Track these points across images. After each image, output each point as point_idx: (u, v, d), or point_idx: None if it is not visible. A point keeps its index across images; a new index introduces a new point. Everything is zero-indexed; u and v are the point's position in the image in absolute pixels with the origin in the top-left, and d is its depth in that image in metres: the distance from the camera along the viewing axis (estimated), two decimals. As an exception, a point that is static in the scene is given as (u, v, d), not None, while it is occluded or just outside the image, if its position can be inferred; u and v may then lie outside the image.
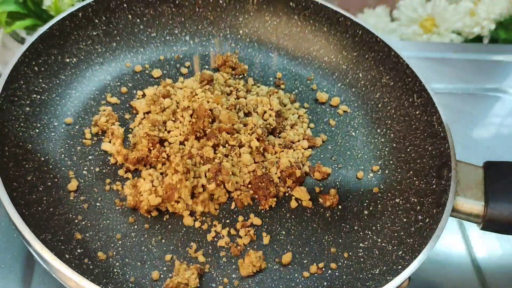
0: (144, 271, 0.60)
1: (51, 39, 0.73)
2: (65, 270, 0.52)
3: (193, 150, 0.69)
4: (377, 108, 0.82)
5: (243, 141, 0.71)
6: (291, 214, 0.69)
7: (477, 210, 0.64)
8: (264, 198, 0.68)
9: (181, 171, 0.64)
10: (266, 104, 0.78)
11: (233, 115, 0.72)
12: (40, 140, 0.69)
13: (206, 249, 0.63)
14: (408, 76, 0.78)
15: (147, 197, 0.63)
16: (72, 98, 0.75)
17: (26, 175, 0.64)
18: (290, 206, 0.69)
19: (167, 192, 0.64)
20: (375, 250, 0.66)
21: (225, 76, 0.83)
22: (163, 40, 0.86)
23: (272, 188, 0.68)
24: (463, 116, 1.02)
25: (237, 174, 0.69)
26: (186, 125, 0.72)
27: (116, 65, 0.82)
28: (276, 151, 0.73)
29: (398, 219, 0.69)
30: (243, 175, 0.69)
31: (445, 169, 0.67)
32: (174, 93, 0.77)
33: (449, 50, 1.16)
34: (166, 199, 0.64)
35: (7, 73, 0.66)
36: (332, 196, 0.70)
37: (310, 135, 0.78)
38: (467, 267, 0.79)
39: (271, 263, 0.63)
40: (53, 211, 0.63)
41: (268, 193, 0.67)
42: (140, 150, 0.68)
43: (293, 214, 0.69)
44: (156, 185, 0.64)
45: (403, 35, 1.33)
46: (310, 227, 0.68)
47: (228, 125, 0.71)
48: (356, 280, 0.63)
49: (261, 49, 0.90)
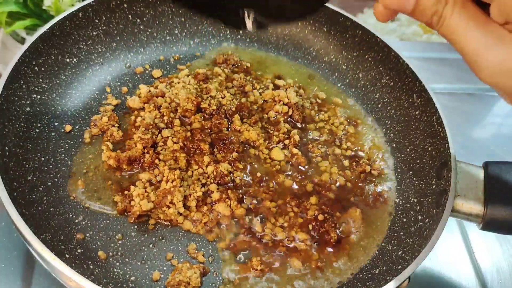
0: (144, 271, 0.60)
1: (51, 39, 0.74)
2: (65, 270, 0.52)
3: (209, 168, 0.69)
4: (377, 108, 0.82)
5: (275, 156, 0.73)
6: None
7: (477, 210, 0.64)
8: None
9: (172, 178, 0.65)
10: (283, 98, 0.78)
11: (259, 131, 0.74)
12: (40, 140, 0.69)
13: (207, 249, 0.63)
14: (408, 76, 0.78)
15: (139, 202, 0.63)
16: (72, 98, 0.75)
17: (26, 175, 0.64)
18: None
19: (159, 197, 0.64)
20: (375, 250, 0.66)
21: (226, 72, 0.83)
22: (163, 40, 0.86)
23: (333, 233, 0.66)
24: (463, 116, 1.02)
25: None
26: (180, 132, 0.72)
27: (116, 65, 0.82)
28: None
29: (398, 219, 0.69)
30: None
31: (445, 169, 0.67)
32: (168, 91, 0.78)
33: (449, 50, 1.16)
34: (158, 204, 0.64)
35: (7, 73, 0.66)
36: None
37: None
38: (467, 267, 0.79)
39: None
40: (53, 211, 0.63)
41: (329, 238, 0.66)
42: (133, 151, 0.68)
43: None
44: (149, 191, 0.65)
45: (403, 35, 1.33)
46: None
47: (257, 142, 0.73)
48: (356, 280, 0.63)
49: (261, 49, 0.90)
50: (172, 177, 0.65)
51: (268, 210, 0.67)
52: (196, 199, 0.65)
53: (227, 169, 0.69)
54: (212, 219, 0.65)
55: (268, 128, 0.76)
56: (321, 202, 0.69)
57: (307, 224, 0.66)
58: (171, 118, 0.74)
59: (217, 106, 0.76)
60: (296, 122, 0.78)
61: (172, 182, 0.65)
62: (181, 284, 0.58)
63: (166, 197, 0.63)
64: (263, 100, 0.80)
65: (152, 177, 0.67)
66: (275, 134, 0.75)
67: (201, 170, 0.68)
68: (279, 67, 0.87)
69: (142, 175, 0.67)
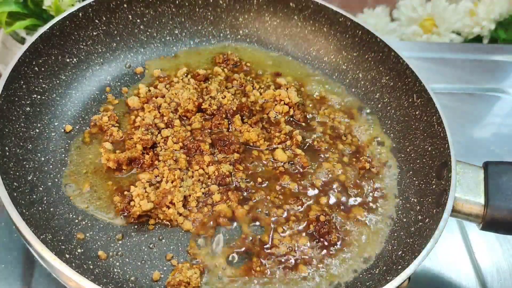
0: (144, 271, 0.60)
1: (51, 39, 0.74)
2: (65, 270, 0.52)
3: (210, 169, 0.69)
4: (377, 108, 0.82)
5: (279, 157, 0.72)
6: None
7: (477, 210, 0.64)
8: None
9: (172, 179, 0.65)
10: (284, 97, 0.78)
11: (259, 131, 0.74)
12: (40, 140, 0.69)
13: (206, 250, 0.63)
14: (408, 76, 0.78)
15: (139, 202, 0.63)
16: (72, 98, 0.75)
17: (27, 175, 0.64)
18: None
19: (159, 197, 0.64)
20: (375, 250, 0.66)
21: (226, 72, 0.83)
22: (163, 40, 0.86)
23: (334, 235, 0.66)
24: (463, 116, 1.02)
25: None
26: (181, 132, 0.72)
27: (116, 65, 0.82)
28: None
29: (398, 219, 0.69)
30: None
31: (445, 169, 0.67)
32: (168, 91, 0.78)
33: (449, 50, 1.16)
34: (158, 204, 0.64)
35: (7, 73, 0.66)
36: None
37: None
38: (467, 267, 0.79)
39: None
40: (53, 211, 0.63)
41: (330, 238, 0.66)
42: (133, 152, 0.68)
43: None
44: (149, 191, 0.65)
45: (403, 35, 1.33)
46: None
47: (258, 143, 0.73)
48: (356, 280, 0.63)
49: (261, 49, 0.90)
50: (172, 178, 0.65)
51: (269, 213, 0.67)
52: (197, 199, 0.65)
53: (228, 170, 0.69)
54: (212, 219, 0.65)
55: (269, 129, 0.76)
56: (323, 203, 0.69)
57: (308, 225, 0.66)
58: (171, 118, 0.74)
59: (217, 106, 0.76)
60: (298, 122, 0.78)
61: (172, 182, 0.65)
62: (181, 284, 0.58)
63: (166, 197, 0.63)
64: (264, 100, 0.80)
65: (152, 177, 0.67)
66: (277, 134, 0.75)
67: (201, 171, 0.68)
68: (279, 66, 0.87)
69: (142, 175, 0.67)
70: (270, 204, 0.68)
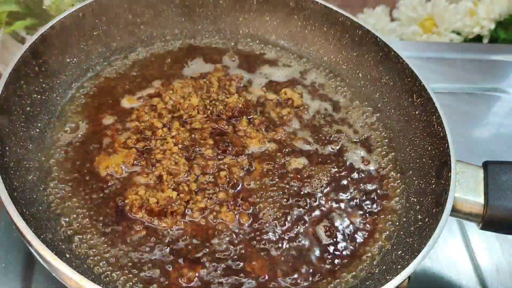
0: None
1: (51, 39, 0.74)
2: (65, 269, 0.52)
3: (211, 170, 0.69)
4: (377, 108, 0.82)
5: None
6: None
7: (477, 210, 0.64)
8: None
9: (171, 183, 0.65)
10: (288, 97, 0.80)
11: (263, 133, 0.74)
12: (40, 140, 0.69)
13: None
14: (408, 76, 0.78)
15: (138, 205, 0.63)
16: (72, 98, 0.75)
17: (27, 175, 0.64)
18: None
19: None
20: (375, 250, 0.66)
21: (226, 71, 0.83)
22: (163, 40, 0.86)
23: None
24: (463, 116, 1.02)
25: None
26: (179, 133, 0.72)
27: (116, 65, 0.82)
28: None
29: (398, 219, 0.69)
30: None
31: (445, 169, 0.67)
32: (167, 90, 0.77)
33: (449, 50, 1.16)
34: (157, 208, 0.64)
35: (7, 73, 0.66)
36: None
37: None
38: (467, 267, 0.79)
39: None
40: (53, 211, 0.63)
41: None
42: (132, 152, 0.68)
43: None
44: (147, 195, 0.64)
45: (403, 35, 1.33)
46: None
47: (260, 144, 0.73)
48: (356, 280, 0.63)
49: (261, 49, 0.90)
50: (172, 181, 0.65)
51: (273, 216, 0.67)
52: (200, 210, 0.65)
53: (231, 173, 0.68)
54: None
55: (273, 129, 0.76)
56: (324, 203, 0.69)
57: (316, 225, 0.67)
58: (170, 119, 0.74)
59: (220, 106, 0.75)
60: (301, 121, 0.78)
61: (171, 186, 0.64)
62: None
63: (165, 203, 0.63)
64: (266, 99, 0.80)
65: (149, 181, 0.66)
66: (280, 134, 0.75)
67: (202, 173, 0.68)
68: (279, 66, 0.87)
69: (139, 178, 0.67)
70: (275, 209, 0.68)
